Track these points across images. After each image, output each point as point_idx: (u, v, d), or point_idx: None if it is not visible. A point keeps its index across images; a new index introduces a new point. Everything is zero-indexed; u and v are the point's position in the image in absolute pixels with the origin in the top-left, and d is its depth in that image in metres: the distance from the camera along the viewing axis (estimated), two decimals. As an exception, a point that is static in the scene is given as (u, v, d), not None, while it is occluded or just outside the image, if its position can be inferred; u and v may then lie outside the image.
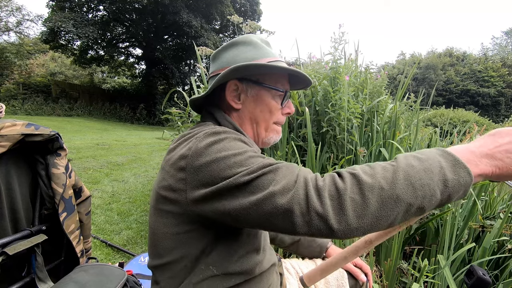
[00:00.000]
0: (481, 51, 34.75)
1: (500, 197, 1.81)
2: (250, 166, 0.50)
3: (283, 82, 0.73)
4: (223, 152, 0.52)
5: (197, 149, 0.54)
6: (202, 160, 0.52)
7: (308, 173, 0.49)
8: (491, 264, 1.53)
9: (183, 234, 0.59)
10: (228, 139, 0.55)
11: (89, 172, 4.06)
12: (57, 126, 9.69)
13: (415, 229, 1.59)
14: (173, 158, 0.58)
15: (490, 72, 27.53)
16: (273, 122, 0.74)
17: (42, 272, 0.81)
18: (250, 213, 0.48)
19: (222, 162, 0.51)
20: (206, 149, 0.53)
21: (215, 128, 0.58)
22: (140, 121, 17.02)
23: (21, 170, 0.82)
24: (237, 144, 0.55)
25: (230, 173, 0.50)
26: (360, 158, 1.79)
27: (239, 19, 2.11)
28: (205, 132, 0.57)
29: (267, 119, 0.72)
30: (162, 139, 3.07)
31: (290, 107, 0.76)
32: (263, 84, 0.70)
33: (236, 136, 0.57)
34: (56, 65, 19.40)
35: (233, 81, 0.70)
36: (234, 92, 0.71)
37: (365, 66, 2.42)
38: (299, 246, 0.97)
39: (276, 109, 0.72)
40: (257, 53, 0.70)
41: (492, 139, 0.47)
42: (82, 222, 0.98)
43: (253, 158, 0.52)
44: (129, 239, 2.28)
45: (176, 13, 14.91)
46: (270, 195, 0.46)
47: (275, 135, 0.75)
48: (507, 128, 0.48)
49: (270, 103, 0.71)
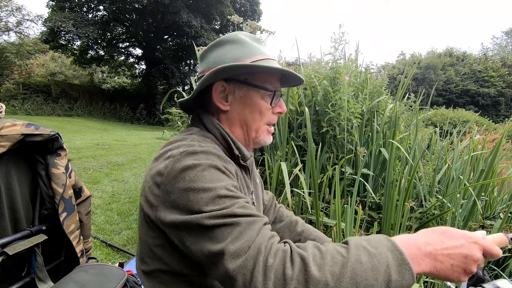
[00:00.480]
0: (481, 51, 34.76)
1: (500, 197, 1.81)
2: (216, 209, 0.49)
3: (272, 81, 0.70)
4: (194, 184, 0.51)
5: (171, 171, 0.53)
6: (174, 185, 0.52)
7: (264, 241, 0.48)
8: (490, 263, 1.53)
9: (160, 246, 0.59)
10: (202, 166, 0.53)
11: (89, 172, 4.06)
12: (57, 126, 9.69)
13: (415, 229, 1.59)
14: (153, 170, 0.57)
15: (490, 72, 27.53)
16: (264, 123, 0.71)
17: (42, 272, 0.81)
18: (201, 259, 0.50)
19: (191, 194, 0.50)
20: (179, 173, 0.52)
21: (193, 147, 0.56)
22: (140, 121, 17.01)
23: (21, 170, 0.82)
24: (211, 174, 0.53)
25: (197, 209, 0.50)
26: (360, 158, 1.79)
27: (239, 19, 2.11)
28: (181, 152, 0.55)
29: (257, 120, 0.70)
30: (162, 139, 3.07)
31: (282, 106, 0.73)
32: (251, 84, 0.67)
33: (212, 163, 0.55)
34: (56, 65, 19.39)
35: (219, 82, 0.67)
36: (221, 94, 0.68)
37: (365, 66, 2.43)
38: None
39: (266, 109, 0.70)
40: (245, 51, 0.67)
41: (440, 238, 0.47)
42: (82, 222, 0.98)
43: (221, 199, 0.51)
44: (129, 239, 2.28)
45: (176, 13, 14.91)
46: (223, 252, 0.46)
47: (266, 136, 0.72)
48: (456, 231, 0.49)
49: (259, 103, 0.68)
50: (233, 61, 0.66)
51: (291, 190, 1.70)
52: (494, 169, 1.76)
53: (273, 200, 1.02)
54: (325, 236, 0.98)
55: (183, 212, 0.51)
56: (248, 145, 0.73)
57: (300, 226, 0.97)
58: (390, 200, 1.50)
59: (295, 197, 1.71)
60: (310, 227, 0.99)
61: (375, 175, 1.92)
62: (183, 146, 0.58)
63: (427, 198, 1.73)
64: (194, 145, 0.58)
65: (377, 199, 1.75)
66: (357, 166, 1.87)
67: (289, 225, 0.97)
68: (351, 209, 1.39)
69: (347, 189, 1.81)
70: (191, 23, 15.17)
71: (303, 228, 0.97)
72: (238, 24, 2.11)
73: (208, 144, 0.61)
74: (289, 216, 1.00)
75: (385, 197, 1.60)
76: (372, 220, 1.69)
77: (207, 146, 0.59)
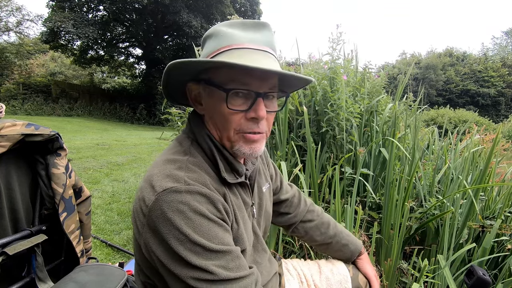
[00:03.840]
0: (481, 51, 34.76)
1: (500, 197, 1.81)
2: (200, 267, 0.49)
3: (243, 79, 0.56)
4: (177, 233, 0.49)
5: (154, 209, 0.50)
6: (158, 226, 0.50)
7: None
8: (489, 263, 1.53)
9: (146, 262, 0.58)
10: (185, 214, 0.50)
11: (89, 172, 4.06)
12: (57, 126, 9.69)
13: (415, 229, 1.59)
14: (142, 191, 0.54)
15: (490, 72, 27.52)
16: (235, 131, 0.59)
17: (42, 272, 0.81)
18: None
19: (174, 243, 0.49)
20: (162, 215, 0.50)
21: (178, 183, 0.52)
22: (140, 121, 17.01)
23: (21, 170, 0.82)
24: (194, 225, 0.50)
25: (181, 261, 0.49)
26: (360, 158, 1.79)
27: (239, 19, 2.11)
28: (165, 189, 0.51)
29: (226, 128, 0.59)
30: (162, 139, 3.07)
31: (257, 111, 0.57)
32: (213, 83, 0.58)
33: (197, 208, 0.51)
34: (56, 65, 19.39)
35: (190, 84, 0.62)
36: (195, 97, 0.64)
37: (364, 65, 2.43)
38: (328, 248, 0.95)
39: (231, 114, 0.57)
40: (217, 43, 0.58)
41: None
42: (82, 222, 0.98)
43: (193, 257, 0.49)
44: (129, 239, 2.28)
45: (176, 13, 14.91)
46: None
47: (243, 147, 0.60)
48: None
49: (220, 107, 0.57)
50: (204, 57, 0.59)
51: (291, 190, 1.69)
52: (492, 169, 1.76)
53: (299, 195, 0.97)
54: (358, 240, 0.96)
55: (167, 255, 0.50)
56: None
57: (332, 229, 0.94)
58: (390, 200, 1.50)
59: (295, 197, 1.71)
60: (343, 230, 0.96)
61: (375, 175, 1.92)
62: (168, 177, 0.53)
63: (427, 198, 1.74)
64: (180, 178, 0.53)
65: (377, 199, 1.75)
66: (357, 166, 1.87)
67: (320, 226, 0.94)
68: (351, 209, 1.39)
69: (347, 189, 1.81)
70: (191, 23, 15.17)
71: (335, 232, 0.94)
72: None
73: (196, 175, 0.55)
74: (320, 215, 0.97)
75: (385, 197, 1.60)
76: (372, 220, 1.69)
77: (194, 179, 0.54)
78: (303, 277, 0.90)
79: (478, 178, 1.62)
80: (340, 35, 2.02)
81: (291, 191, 0.96)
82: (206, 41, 0.62)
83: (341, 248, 0.93)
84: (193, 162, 0.58)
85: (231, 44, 0.57)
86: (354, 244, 0.94)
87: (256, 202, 0.75)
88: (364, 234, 1.55)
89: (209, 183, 0.56)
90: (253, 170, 0.72)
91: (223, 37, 0.58)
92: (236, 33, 0.58)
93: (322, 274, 0.90)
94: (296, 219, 0.93)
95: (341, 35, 2.02)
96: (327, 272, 0.90)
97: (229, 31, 0.58)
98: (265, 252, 0.78)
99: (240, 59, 0.54)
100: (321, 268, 0.92)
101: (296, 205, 0.94)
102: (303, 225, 0.94)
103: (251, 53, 0.56)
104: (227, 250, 0.52)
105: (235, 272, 0.51)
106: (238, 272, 0.52)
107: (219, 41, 0.58)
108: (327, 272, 0.90)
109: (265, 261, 0.77)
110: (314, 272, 0.91)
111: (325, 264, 0.94)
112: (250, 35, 0.58)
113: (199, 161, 0.59)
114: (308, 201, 0.98)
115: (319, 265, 0.94)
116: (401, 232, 1.43)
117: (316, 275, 0.90)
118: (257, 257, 0.74)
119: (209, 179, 0.57)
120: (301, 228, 0.94)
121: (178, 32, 16.83)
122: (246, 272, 0.53)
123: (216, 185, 0.59)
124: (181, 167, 0.56)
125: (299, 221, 0.94)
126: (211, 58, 0.57)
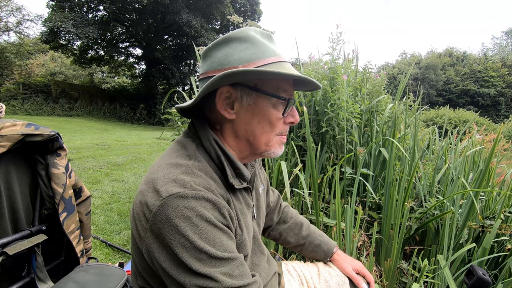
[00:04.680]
0: (481, 51, 34.76)
1: (500, 197, 1.81)
2: (204, 274, 0.49)
3: (286, 87, 0.61)
4: (183, 239, 0.49)
5: (158, 214, 0.49)
6: (162, 232, 0.49)
7: None
8: (489, 263, 1.53)
9: (145, 266, 0.58)
10: (192, 221, 0.49)
11: (89, 172, 4.06)
12: (57, 126, 9.69)
13: (415, 229, 1.59)
14: (144, 194, 0.53)
15: (490, 72, 27.54)
16: (275, 134, 0.64)
17: (42, 272, 0.81)
18: None
19: (179, 250, 0.49)
20: (167, 221, 0.49)
21: (185, 188, 0.51)
22: (140, 121, 17.01)
23: (21, 170, 0.82)
24: (200, 232, 0.49)
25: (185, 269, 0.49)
26: (360, 158, 1.79)
27: (239, 19, 2.11)
28: (170, 194, 0.50)
29: (267, 132, 0.62)
30: (162, 139, 3.07)
31: (294, 116, 0.65)
32: (262, 91, 0.59)
33: (203, 215, 0.50)
34: (56, 65, 19.39)
35: (225, 87, 0.59)
36: (226, 100, 0.60)
37: (364, 65, 2.42)
38: (303, 249, 0.96)
39: (277, 120, 0.62)
40: (255, 52, 0.58)
41: None
42: (82, 222, 0.98)
43: (198, 264, 0.49)
44: (129, 239, 2.28)
45: (176, 13, 14.91)
46: None
47: (277, 148, 0.65)
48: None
49: (270, 113, 0.61)
50: (241, 62, 0.58)
51: (291, 190, 1.70)
52: (493, 169, 1.76)
53: (278, 200, 1.00)
54: (331, 240, 0.97)
55: (171, 262, 0.50)
56: (255, 155, 0.67)
57: (305, 230, 0.96)
58: (390, 200, 1.50)
59: (295, 197, 1.71)
60: (315, 230, 0.97)
61: (375, 175, 1.92)
62: (173, 182, 0.52)
63: (427, 198, 1.74)
64: (186, 183, 0.52)
65: (377, 199, 1.75)
66: (357, 166, 1.87)
67: (294, 227, 0.96)
68: (351, 209, 1.39)
69: (347, 189, 1.81)
70: (191, 23, 15.18)
71: (308, 232, 0.95)
72: (238, 24, 2.11)
73: (202, 181, 0.54)
74: (294, 217, 0.98)
75: (385, 197, 1.60)
76: (372, 220, 1.69)
77: (200, 185, 0.53)
78: (303, 279, 0.91)
79: (479, 178, 1.62)
80: (340, 35, 2.02)
81: (274, 193, 0.99)
82: (233, 43, 0.60)
83: (314, 248, 0.95)
84: (198, 167, 0.57)
85: (276, 56, 0.60)
86: (327, 244, 0.95)
87: (255, 203, 0.75)
88: (364, 234, 1.55)
89: (214, 188, 0.56)
90: (253, 173, 0.72)
91: (261, 47, 0.60)
92: (268, 44, 0.61)
93: (321, 276, 0.91)
94: (273, 222, 0.96)
95: (341, 35, 2.02)
96: (325, 274, 0.91)
97: (263, 42, 0.61)
98: (263, 254, 0.78)
99: (290, 70, 0.58)
100: (320, 271, 0.93)
101: (274, 207, 0.97)
102: (278, 227, 0.96)
103: (289, 66, 0.62)
104: (231, 257, 0.52)
105: (239, 280, 0.51)
106: (242, 280, 0.52)
107: (260, 50, 0.59)
108: (326, 274, 0.91)
109: (263, 262, 0.77)
110: (314, 274, 0.92)
111: (323, 266, 0.96)
112: (276, 47, 0.63)
113: (204, 166, 0.58)
114: (283, 203, 1.01)
115: (318, 267, 0.96)
116: (401, 232, 1.43)
117: (315, 277, 0.92)
118: (255, 259, 0.74)
119: (214, 184, 0.57)
120: (276, 230, 0.97)
121: (178, 32, 16.84)
122: (249, 280, 0.53)
123: (221, 191, 0.58)
124: (187, 172, 0.55)
125: (275, 224, 0.96)
126: (258, 67, 0.58)
